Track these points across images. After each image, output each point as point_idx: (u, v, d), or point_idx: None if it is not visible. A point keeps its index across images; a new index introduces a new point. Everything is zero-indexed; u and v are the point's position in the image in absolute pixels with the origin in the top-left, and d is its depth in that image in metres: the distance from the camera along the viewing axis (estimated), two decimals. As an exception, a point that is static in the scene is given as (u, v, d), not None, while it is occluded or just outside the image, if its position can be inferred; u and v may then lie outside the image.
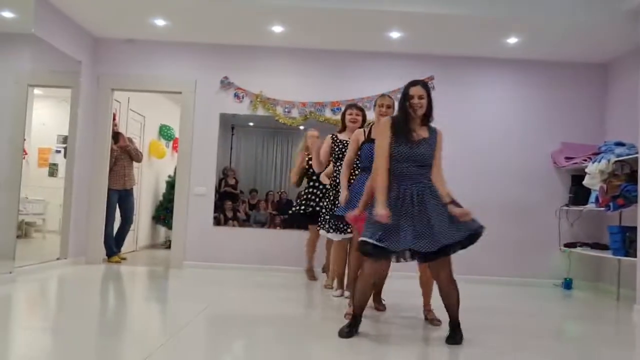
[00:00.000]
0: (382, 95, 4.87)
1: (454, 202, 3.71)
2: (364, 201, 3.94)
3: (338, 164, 5.10)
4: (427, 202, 3.64)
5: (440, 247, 3.58)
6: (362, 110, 5.27)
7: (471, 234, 3.67)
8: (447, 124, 7.06)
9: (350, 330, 3.72)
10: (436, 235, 3.56)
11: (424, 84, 3.89)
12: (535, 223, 6.96)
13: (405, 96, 3.83)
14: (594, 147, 6.52)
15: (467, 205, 4.37)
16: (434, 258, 3.69)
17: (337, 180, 4.98)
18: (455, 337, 3.76)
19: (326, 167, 5.45)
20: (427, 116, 3.89)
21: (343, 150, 5.03)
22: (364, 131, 4.76)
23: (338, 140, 5.18)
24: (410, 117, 3.81)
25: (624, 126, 6.52)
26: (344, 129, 5.25)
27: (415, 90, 3.82)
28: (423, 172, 3.73)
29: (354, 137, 4.71)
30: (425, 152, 3.75)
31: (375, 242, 3.53)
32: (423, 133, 3.82)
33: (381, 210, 3.54)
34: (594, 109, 7.09)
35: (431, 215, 3.60)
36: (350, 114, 5.19)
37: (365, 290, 3.80)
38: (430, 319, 4.35)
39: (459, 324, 3.81)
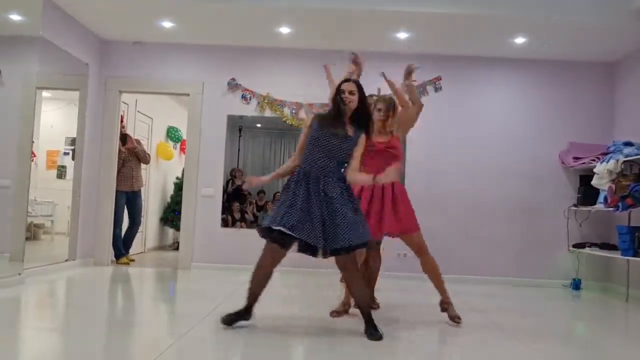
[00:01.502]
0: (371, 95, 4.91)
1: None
2: (275, 174, 4.06)
3: None
4: (334, 199, 3.70)
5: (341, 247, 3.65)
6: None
7: (359, 244, 3.72)
8: (454, 123, 7.11)
9: (235, 317, 3.80)
10: (336, 235, 3.63)
11: (356, 82, 3.91)
12: (544, 223, 6.94)
13: (338, 91, 3.84)
14: (603, 147, 6.49)
15: (474, 204, 4.39)
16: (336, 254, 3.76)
17: None
18: (373, 333, 3.72)
19: None
20: (359, 114, 3.86)
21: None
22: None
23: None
24: (341, 111, 3.81)
25: (633, 126, 6.49)
26: None
27: (347, 86, 3.83)
28: (332, 166, 3.77)
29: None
30: (342, 147, 3.77)
31: (283, 229, 3.61)
32: (349, 130, 3.82)
33: (263, 177, 3.92)
34: (602, 109, 7.05)
35: (337, 213, 3.67)
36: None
37: (260, 280, 3.87)
38: (451, 316, 4.28)
39: (370, 318, 3.79)
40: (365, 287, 3.94)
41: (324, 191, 3.71)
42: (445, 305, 4.34)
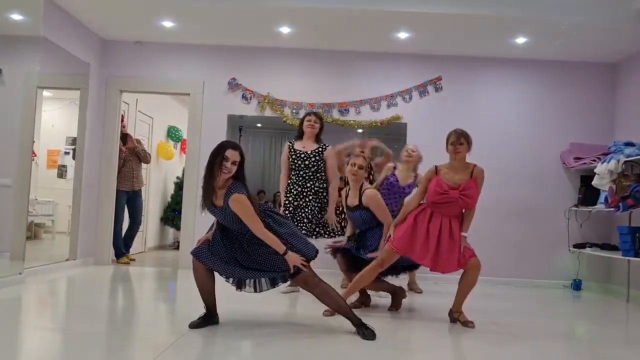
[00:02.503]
0: (357, 155, 5.00)
1: None
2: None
3: (292, 174, 5.16)
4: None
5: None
6: (320, 118, 5.36)
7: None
8: (454, 123, 7.07)
9: (201, 322, 3.87)
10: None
11: (239, 147, 3.87)
12: (544, 224, 6.93)
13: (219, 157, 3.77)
14: (604, 148, 6.48)
15: (476, 206, 4.40)
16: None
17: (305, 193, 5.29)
18: (365, 333, 3.71)
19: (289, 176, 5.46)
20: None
21: (296, 160, 5.11)
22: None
23: (293, 150, 5.23)
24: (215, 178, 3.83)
25: (634, 126, 6.49)
26: (300, 136, 5.32)
27: (231, 154, 3.75)
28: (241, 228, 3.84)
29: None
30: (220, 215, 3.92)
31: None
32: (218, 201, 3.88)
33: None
34: (604, 109, 7.05)
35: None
36: (309, 121, 5.30)
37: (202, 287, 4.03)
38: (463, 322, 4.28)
39: (359, 323, 3.79)
40: (338, 296, 3.92)
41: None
42: (456, 314, 4.36)
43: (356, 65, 7.12)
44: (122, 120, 7.50)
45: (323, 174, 5.35)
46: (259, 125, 7.29)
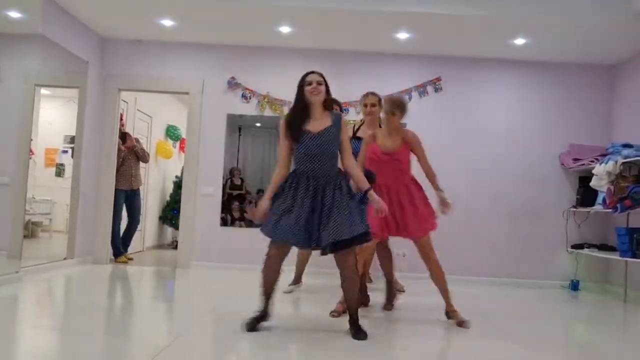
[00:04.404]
0: (367, 95, 4.91)
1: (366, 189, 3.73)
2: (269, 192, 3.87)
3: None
4: (327, 195, 3.65)
5: (338, 240, 3.56)
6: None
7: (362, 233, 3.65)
8: (453, 124, 7.11)
9: (255, 321, 3.77)
10: (334, 228, 3.54)
11: (319, 73, 3.85)
12: (543, 224, 6.94)
13: (302, 84, 3.81)
14: (602, 149, 6.49)
15: (473, 205, 4.39)
16: (334, 250, 3.69)
17: None
18: (359, 333, 3.70)
19: None
20: (328, 102, 3.84)
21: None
22: (354, 127, 4.82)
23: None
24: (309, 105, 3.79)
25: (632, 127, 6.50)
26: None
27: (313, 77, 3.79)
28: (325, 162, 3.71)
29: None
30: (325, 141, 3.72)
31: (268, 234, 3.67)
32: (325, 122, 3.78)
33: (263, 202, 3.71)
34: (602, 110, 7.06)
35: (332, 207, 3.61)
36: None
37: (269, 275, 3.81)
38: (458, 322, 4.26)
39: (357, 320, 3.77)
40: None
41: (322, 189, 3.67)
42: (451, 313, 4.35)
43: (356, 65, 7.11)
44: (121, 119, 7.50)
45: None
46: (258, 124, 7.27)
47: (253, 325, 3.75)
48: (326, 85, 3.82)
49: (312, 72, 3.84)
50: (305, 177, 3.70)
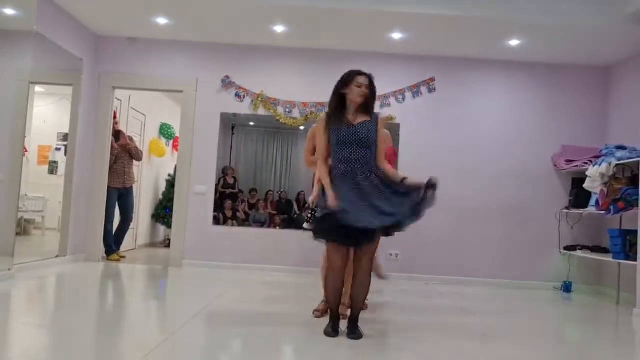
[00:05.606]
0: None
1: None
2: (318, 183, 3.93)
3: None
4: (372, 184, 3.69)
5: (394, 222, 3.61)
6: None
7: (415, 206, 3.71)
8: (447, 125, 7.11)
9: (334, 329, 3.74)
10: (389, 212, 3.59)
11: (368, 76, 3.97)
12: (536, 226, 6.95)
13: (350, 81, 3.92)
14: (595, 150, 6.51)
15: (466, 206, 4.40)
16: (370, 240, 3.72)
17: None
18: (355, 332, 3.73)
19: None
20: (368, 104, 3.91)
21: None
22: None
23: None
24: (350, 101, 3.87)
25: (626, 129, 6.52)
26: None
27: (364, 80, 3.91)
28: (366, 154, 3.74)
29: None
30: (364, 131, 3.78)
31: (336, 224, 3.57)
32: (364, 118, 3.85)
33: (330, 193, 3.66)
34: (596, 112, 7.08)
35: (379, 195, 3.65)
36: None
37: (335, 282, 3.78)
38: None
39: (357, 319, 3.79)
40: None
41: (368, 179, 3.69)
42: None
43: (350, 65, 6.92)
44: (115, 117, 7.48)
45: None
46: (251, 123, 7.27)
47: (333, 332, 3.75)
48: (373, 88, 3.92)
49: (363, 74, 3.93)
50: (351, 167, 3.72)
